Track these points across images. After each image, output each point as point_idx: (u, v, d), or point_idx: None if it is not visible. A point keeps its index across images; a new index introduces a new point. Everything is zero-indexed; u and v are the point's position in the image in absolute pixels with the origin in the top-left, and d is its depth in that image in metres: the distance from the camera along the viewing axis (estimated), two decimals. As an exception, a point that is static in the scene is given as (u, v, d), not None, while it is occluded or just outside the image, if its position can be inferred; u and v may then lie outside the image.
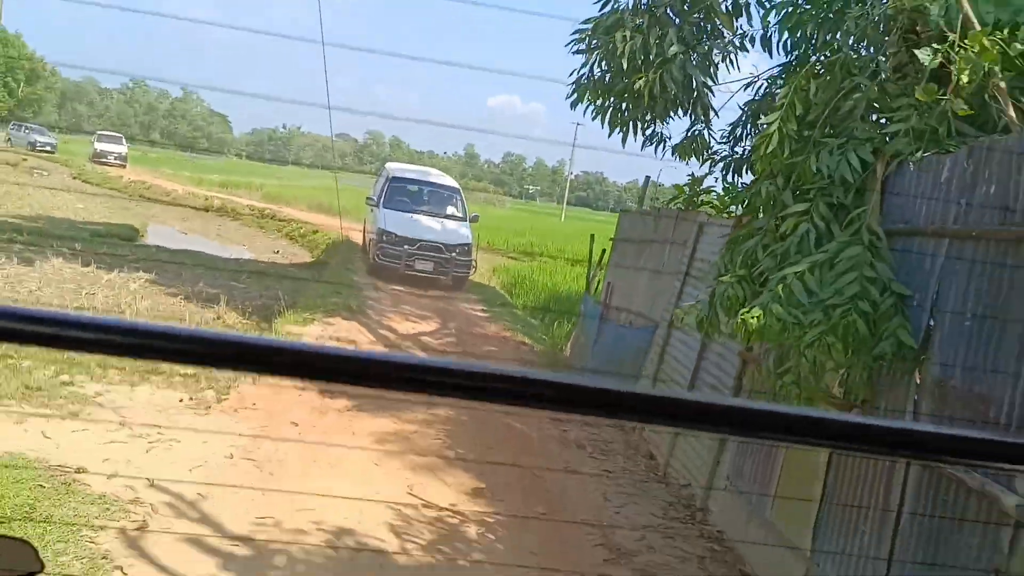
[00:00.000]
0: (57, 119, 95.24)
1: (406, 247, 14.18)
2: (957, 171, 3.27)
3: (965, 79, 2.86)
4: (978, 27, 2.96)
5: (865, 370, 3.40)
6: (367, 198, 16.13)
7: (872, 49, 4.19)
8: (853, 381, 3.54)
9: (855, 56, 4.00)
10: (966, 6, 3.04)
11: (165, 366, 5.65)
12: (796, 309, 3.45)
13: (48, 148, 37.46)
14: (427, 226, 14.69)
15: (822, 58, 4.43)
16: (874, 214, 3.70)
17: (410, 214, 14.82)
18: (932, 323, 3.28)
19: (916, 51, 3.20)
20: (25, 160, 33.44)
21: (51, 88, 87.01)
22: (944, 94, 3.25)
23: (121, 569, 3.42)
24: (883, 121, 3.82)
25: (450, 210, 15.67)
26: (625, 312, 8.03)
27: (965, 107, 3.21)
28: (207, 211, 25.36)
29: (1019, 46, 3.14)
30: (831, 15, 4.37)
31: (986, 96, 3.07)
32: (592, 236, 9.73)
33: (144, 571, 3.44)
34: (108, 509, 3.92)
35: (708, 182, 6.61)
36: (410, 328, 10.21)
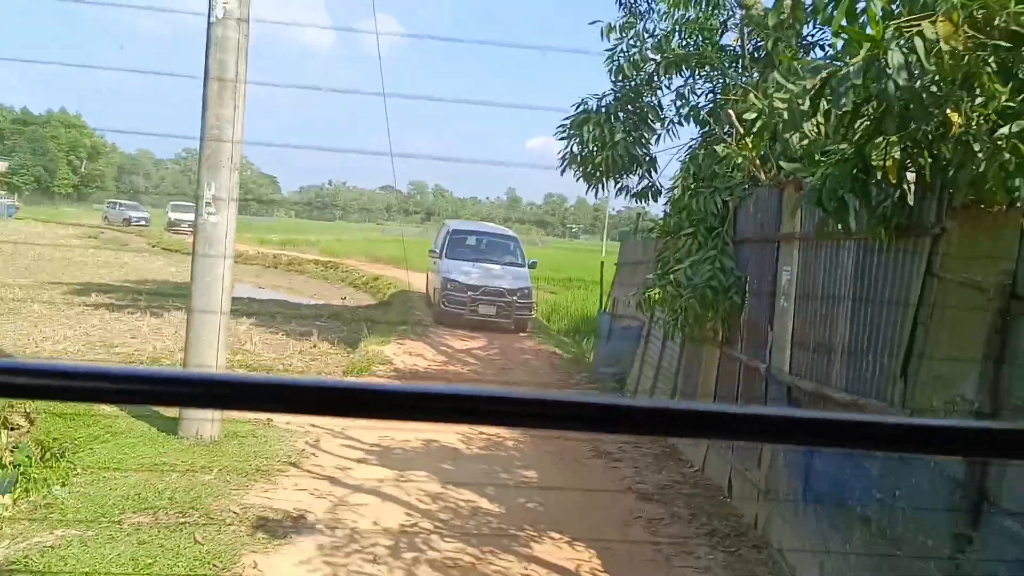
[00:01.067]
0: (115, 191, 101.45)
1: (469, 293, 15.20)
2: (757, 206, 6.11)
3: (740, 161, 5.70)
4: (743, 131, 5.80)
5: (717, 319, 6.24)
6: (430, 251, 17.59)
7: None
8: (715, 327, 6.38)
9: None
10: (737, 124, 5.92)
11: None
12: (679, 288, 6.32)
13: (143, 223, 40.82)
14: (488, 273, 15.71)
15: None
16: (728, 231, 6.56)
17: (471, 263, 15.99)
18: (747, 292, 6.11)
19: (715, 148, 6.07)
20: (103, 233, 37.77)
21: (110, 163, 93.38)
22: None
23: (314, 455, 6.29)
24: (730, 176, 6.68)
25: (509, 257, 16.76)
26: (624, 317, 10.85)
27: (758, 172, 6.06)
28: (276, 267, 28.97)
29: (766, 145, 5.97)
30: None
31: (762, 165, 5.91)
32: (602, 263, 12.62)
33: (324, 460, 6.33)
34: (269, 466, 6.86)
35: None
36: (463, 345, 13.14)
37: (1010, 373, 3.06)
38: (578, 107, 8.06)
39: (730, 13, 7.43)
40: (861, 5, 3.18)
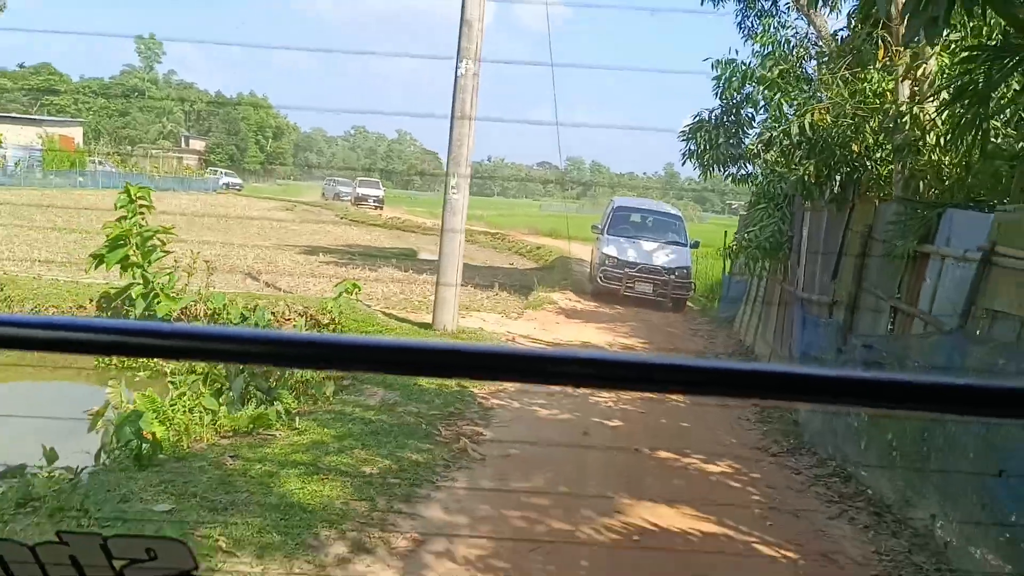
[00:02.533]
0: (292, 167, 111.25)
1: (626, 270, 15.75)
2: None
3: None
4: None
5: (779, 264, 9.84)
6: (592, 226, 18.44)
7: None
8: (779, 270, 10.00)
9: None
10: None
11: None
12: (751, 243, 9.99)
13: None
14: (647, 251, 16.18)
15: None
16: (787, 208, 10.11)
17: (631, 240, 16.49)
18: (791, 247, 9.67)
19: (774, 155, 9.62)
20: (296, 206, 44.40)
21: (290, 141, 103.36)
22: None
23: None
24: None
25: (671, 236, 17.00)
26: (737, 275, 14.37)
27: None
28: (450, 237, 33.86)
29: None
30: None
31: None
32: (725, 232, 16.10)
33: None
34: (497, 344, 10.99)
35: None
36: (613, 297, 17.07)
37: (863, 272, 6.69)
38: (695, 117, 11.74)
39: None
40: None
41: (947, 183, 5.86)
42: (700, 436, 6.93)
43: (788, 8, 10.49)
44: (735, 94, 10.88)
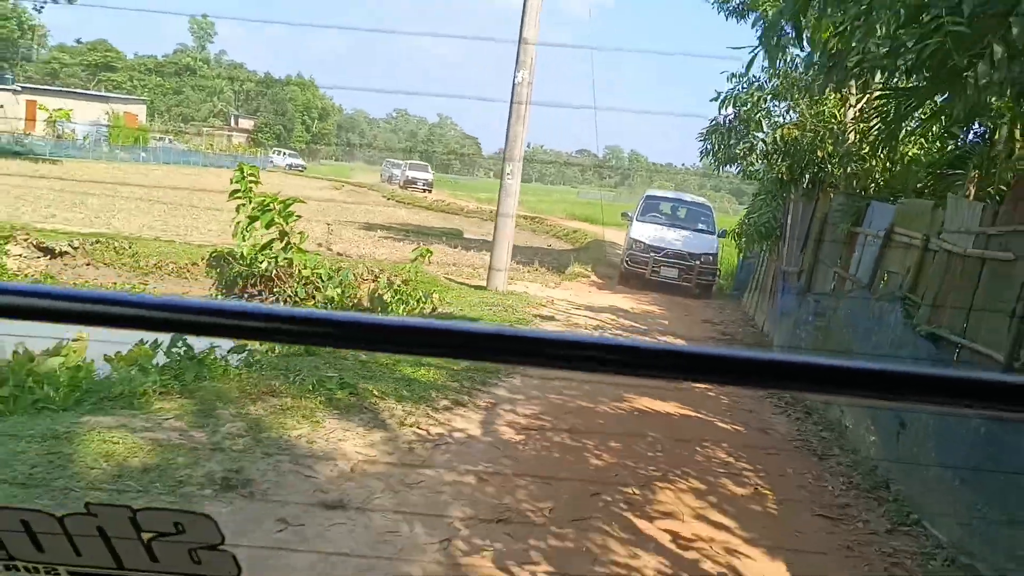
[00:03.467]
0: (335, 148, 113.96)
1: (652, 255, 16.27)
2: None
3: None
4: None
5: (773, 245, 12.14)
6: (622, 213, 19.42)
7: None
8: (773, 250, 12.30)
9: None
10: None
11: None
12: (751, 228, 12.31)
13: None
14: (674, 237, 16.71)
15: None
16: (780, 198, 12.41)
17: (659, 226, 17.13)
18: (780, 231, 11.99)
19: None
20: (342, 187, 47.18)
21: (335, 122, 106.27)
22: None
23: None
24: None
25: (699, 224, 17.63)
26: (750, 259, 16.63)
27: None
28: (492, 220, 36.34)
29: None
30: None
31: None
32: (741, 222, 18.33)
33: (555, 310, 12.83)
34: (533, 305, 13.38)
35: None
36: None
37: (820, 247, 9.03)
38: (712, 121, 14.01)
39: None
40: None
41: (873, 183, 8.17)
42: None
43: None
44: (742, 105, 13.16)
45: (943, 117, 6.55)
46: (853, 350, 7.31)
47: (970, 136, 7.82)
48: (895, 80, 6.23)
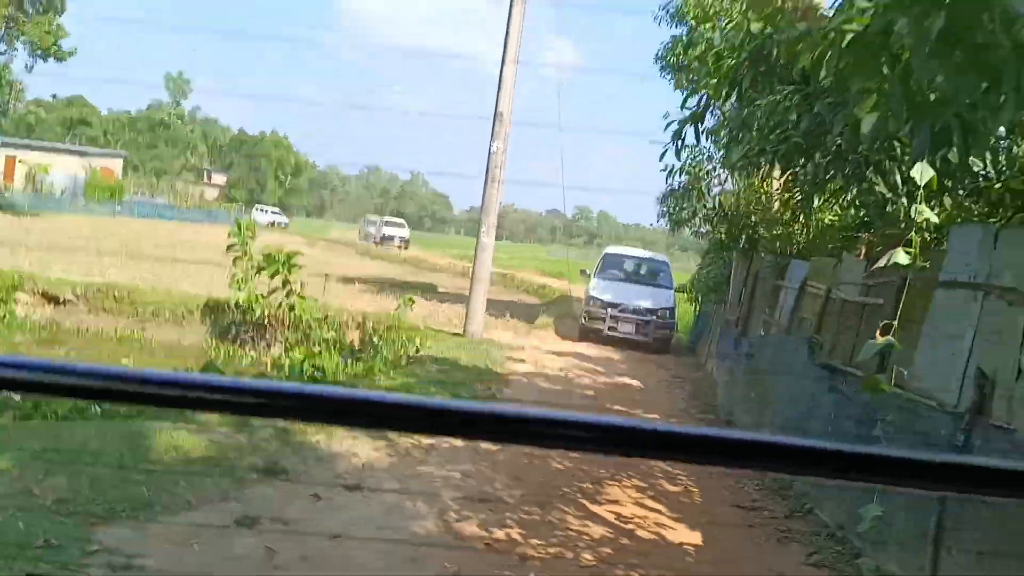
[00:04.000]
0: (307, 203, 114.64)
1: (610, 310, 16.63)
2: (737, 244, 13.60)
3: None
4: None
5: (718, 297, 13.72)
6: (581, 271, 20.24)
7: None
8: (723, 301, 13.88)
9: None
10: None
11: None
12: (703, 281, 13.90)
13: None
14: (631, 292, 17.03)
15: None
16: (727, 256, 14.04)
17: (616, 282, 17.58)
18: (727, 284, 13.60)
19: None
20: (316, 243, 48.55)
21: (308, 178, 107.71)
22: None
23: (510, 361, 14.15)
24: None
25: (657, 280, 18.00)
26: (707, 313, 18.20)
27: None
28: (464, 275, 37.84)
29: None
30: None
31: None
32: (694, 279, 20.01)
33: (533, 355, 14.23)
34: (506, 350, 14.76)
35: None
36: (603, 327, 20.88)
37: (753, 298, 10.60)
38: (667, 186, 15.71)
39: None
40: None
41: (795, 244, 9.78)
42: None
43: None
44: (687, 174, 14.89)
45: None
46: (771, 382, 8.80)
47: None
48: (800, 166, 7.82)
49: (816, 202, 9.13)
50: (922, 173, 4.16)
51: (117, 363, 10.42)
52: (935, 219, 4.26)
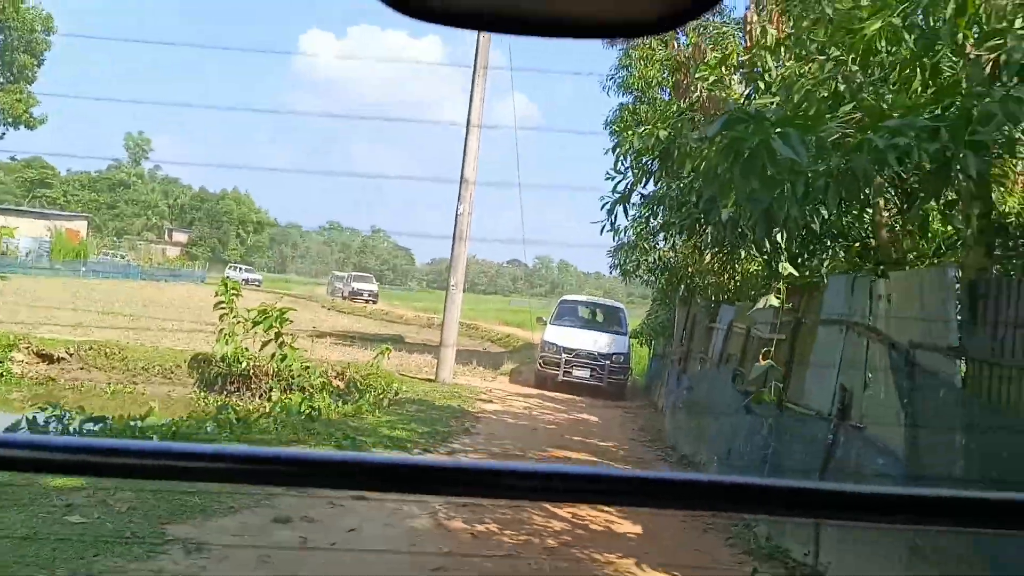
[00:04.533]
0: (268, 260, 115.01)
1: (564, 356, 17.11)
2: (680, 292, 15.28)
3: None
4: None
5: (666, 339, 15.34)
6: (538, 318, 21.01)
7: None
8: (668, 342, 15.50)
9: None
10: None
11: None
12: (650, 327, 15.52)
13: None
14: (586, 338, 17.49)
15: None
16: (671, 303, 15.70)
17: (571, 328, 18.12)
18: (672, 328, 15.24)
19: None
20: (282, 297, 49.66)
21: (269, 235, 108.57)
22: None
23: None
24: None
25: (611, 326, 18.51)
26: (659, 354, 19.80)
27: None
28: (430, 327, 39.22)
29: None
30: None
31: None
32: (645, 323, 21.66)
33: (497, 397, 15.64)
34: (475, 393, 16.16)
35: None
36: (564, 372, 22.38)
37: (692, 339, 12.20)
38: (617, 240, 17.39)
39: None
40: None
41: (724, 291, 11.45)
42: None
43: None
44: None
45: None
46: (705, 409, 10.35)
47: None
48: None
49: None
50: (783, 240, 5.78)
51: (117, 412, 11.63)
52: (795, 272, 5.84)
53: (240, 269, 62.30)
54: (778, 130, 3.47)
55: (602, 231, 7.25)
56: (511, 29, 0.63)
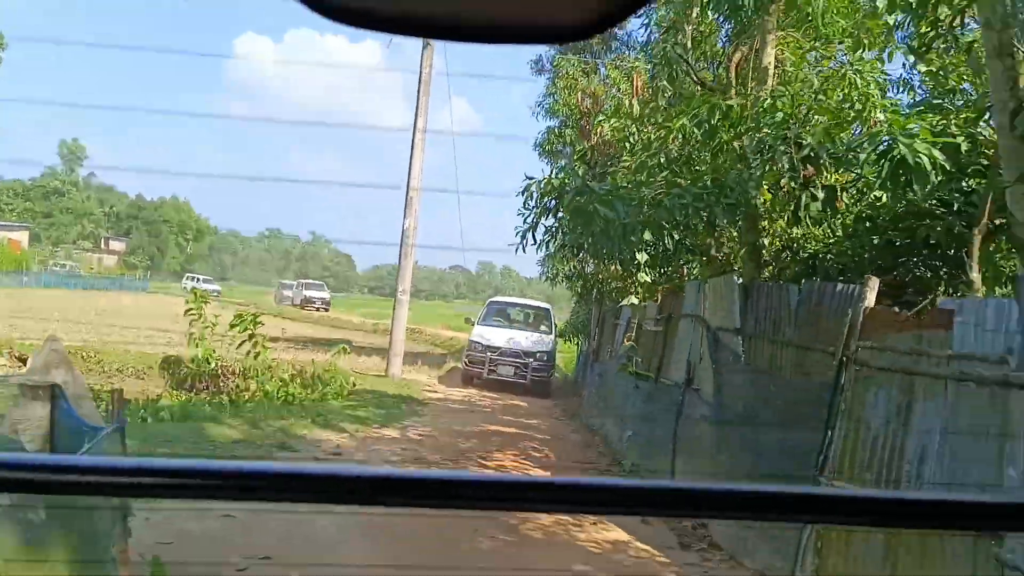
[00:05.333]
0: (209, 268, 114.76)
1: (489, 354, 17.75)
2: (598, 295, 17.92)
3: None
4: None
5: (585, 337, 17.96)
6: (466, 319, 22.35)
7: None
8: (586, 339, 18.15)
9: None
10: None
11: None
12: (571, 327, 18.14)
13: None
14: (511, 337, 18.29)
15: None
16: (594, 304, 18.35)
17: (497, 328, 18.90)
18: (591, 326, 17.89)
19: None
20: (227, 306, 51.24)
21: (209, 243, 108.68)
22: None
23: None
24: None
25: (537, 326, 19.50)
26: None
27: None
28: (375, 332, 41.41)
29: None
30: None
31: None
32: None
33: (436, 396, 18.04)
34: (422, 385, 18.52)
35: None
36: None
37: (603, 331, 14.84)
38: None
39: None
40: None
41: (626, 295, 14.08)
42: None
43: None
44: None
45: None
46: (608, 390, 12.96)
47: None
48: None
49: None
50: (641, 261, 8.37)
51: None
52: (649, 279, 8.47)
53: (198, 279, 62.78)
54: (606, 199, 6.01)
55: (516, 251, 9.68)
56: (436, 34, 0.61)
